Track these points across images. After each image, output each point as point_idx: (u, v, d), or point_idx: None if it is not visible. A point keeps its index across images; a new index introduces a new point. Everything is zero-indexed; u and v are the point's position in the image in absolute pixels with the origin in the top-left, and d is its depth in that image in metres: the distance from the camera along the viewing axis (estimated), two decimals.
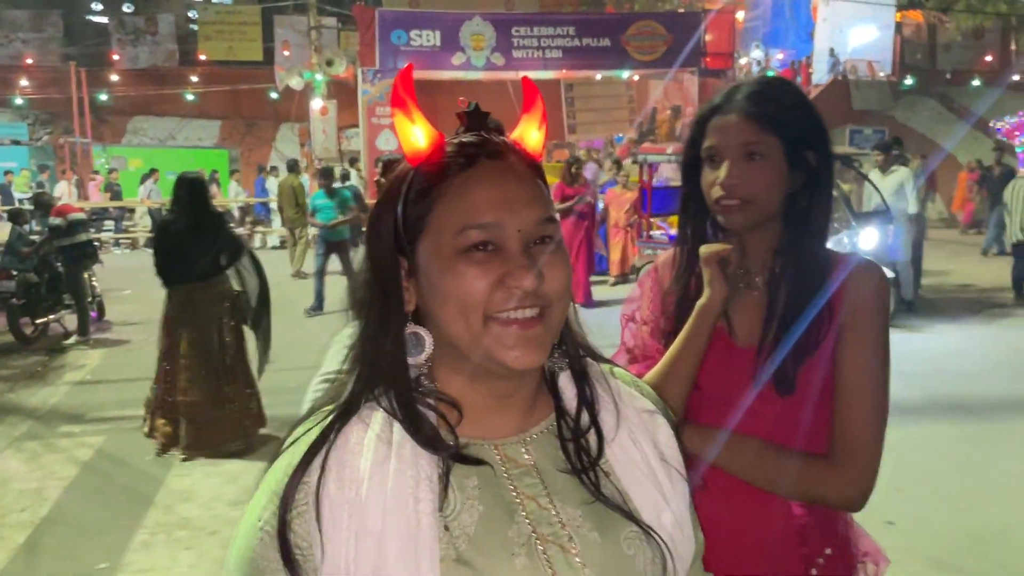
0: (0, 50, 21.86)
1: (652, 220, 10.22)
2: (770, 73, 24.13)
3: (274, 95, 22.73)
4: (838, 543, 1.45)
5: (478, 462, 0.86)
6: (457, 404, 0.88)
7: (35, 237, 9.16)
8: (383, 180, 4.11)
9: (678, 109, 21.16)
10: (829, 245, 1.50)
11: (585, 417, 0.93)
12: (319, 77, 18.54)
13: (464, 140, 0.88)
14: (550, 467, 0.90)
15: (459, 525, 0.83)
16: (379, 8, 19.40)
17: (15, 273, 8.35)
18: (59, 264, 8.80)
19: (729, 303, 1.46)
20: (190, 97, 24.81)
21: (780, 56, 25.13)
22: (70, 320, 8.98)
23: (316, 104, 18.58)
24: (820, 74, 24.40)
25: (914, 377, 6.36)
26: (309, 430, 0.87)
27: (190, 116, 25.34)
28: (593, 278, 10.48)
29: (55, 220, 8.78)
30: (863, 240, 8.27)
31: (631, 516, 0.90)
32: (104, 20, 26.37)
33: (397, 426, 0.85)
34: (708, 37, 19.05)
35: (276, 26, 23.24)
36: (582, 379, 0.94)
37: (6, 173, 18.94)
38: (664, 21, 19.20)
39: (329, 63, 18.04)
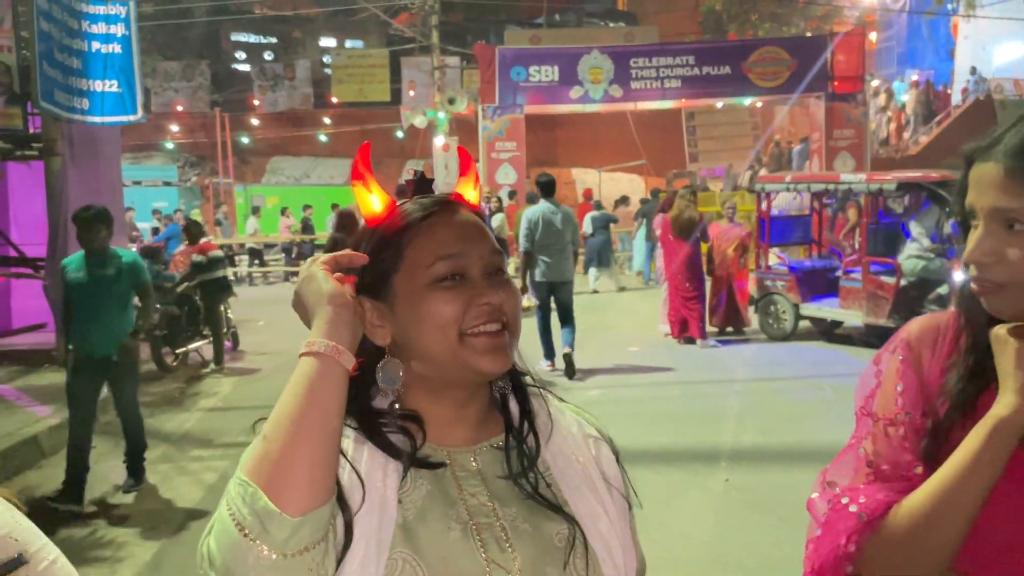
0: (155, 99, 23.78)
1: (771, 250, 9.94)
2: (903, 98, 23.10)
3: (400, 134, 23.63)
4: None
5: (434, 466, 1.03)
6: (420, 419, 1.04)
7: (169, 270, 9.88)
8: (337, 233, 5.50)
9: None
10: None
11: (526, 424, 1.09)
12: (441, 115, 19.14)
13: (420, 198, 1.07)
14: (493, 475, 1.06)
15: (410, 500, 1.00)
16: (499, 46, 19.87)
17: (158, 306, 8.99)
18: (198, 298, 9.43)
19: None
20: (323, 138, 26.14)
21: (915, 77, 24.00)
22: (207, 350, 9.58)
23: (439, 141, 19.17)
24: (959, 95, 23.09)
25: None
26: None
27: (323, 155, 26.70)
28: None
29: (197, 257, 9.44)
30: None
31: (565, 515, 1.04)
32: (247, 68, 28.24)
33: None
34: (838, 60, 18.42)
35: (403, 67, 24.22)
36: (522, 397, 1.11)
37: (153, 212, 20.46)
38: (788, 46, 18.74)
39: (451, 101, 18.60)
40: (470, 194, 1.11)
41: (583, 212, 17.77)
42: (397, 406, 1.04)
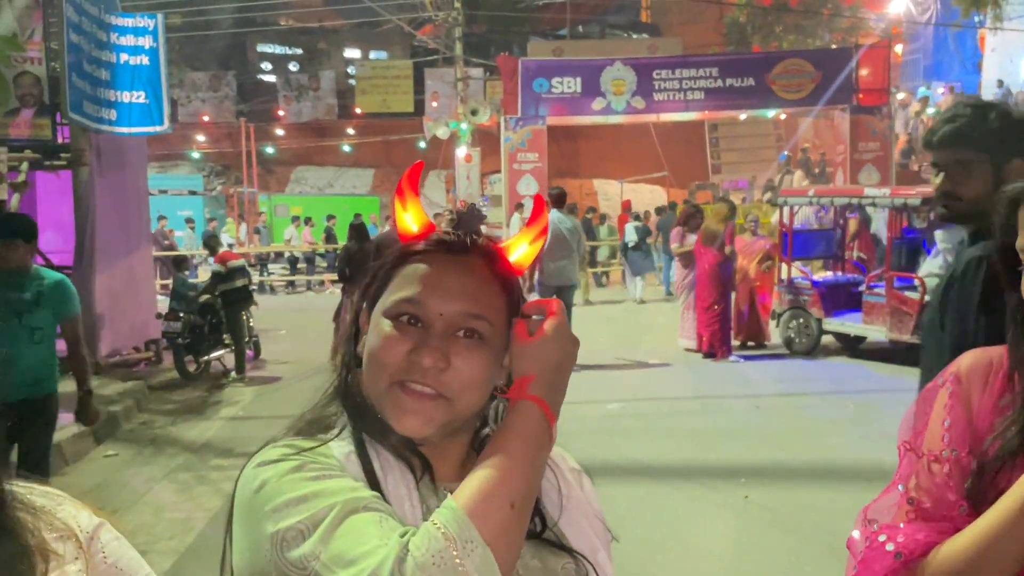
0: (181, 109, 24.09)
1: (793, 264, 9.86)
2: (932, 109, 22.87)
3: (422, 144, 23.77)
4: None
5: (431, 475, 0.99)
6: (418, 451, 0.99)
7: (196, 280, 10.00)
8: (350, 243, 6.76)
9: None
10: None
11: None
12: (464, 126, 19.24)
13: (442, 235, 1.03)
14: None
15: None
16: (522, 58, 19.93)
17: (181, 315, 9.08)
18: (220, 307, 9.51)
19: None
20: (347, 148, 26.34)
21: (941, 90, 23.77)
22: (229, 358, 9.65)
23: (461, 152, 19.27)
24: None
25: None
26: (327, 441, 1.00)
27: (346, 165, 26.91)
28: None
29: (216, 266, 9.54)
30: None
31: (567, 550, 1.03)
32: (272, 79, 28.55)
33: (382, 450, 0.99)
34: (863, 72, 18.31)
35: (426, 78, 24.37)
36: None
37: (188, 221, 20.73)
38: (813, 58, 18.67)
39: (474, 112, 18.71)
40: (521, 249, 1.05)
41: (623, 223, 17.84)
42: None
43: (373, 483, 0.95)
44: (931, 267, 8.64)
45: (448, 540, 0.80)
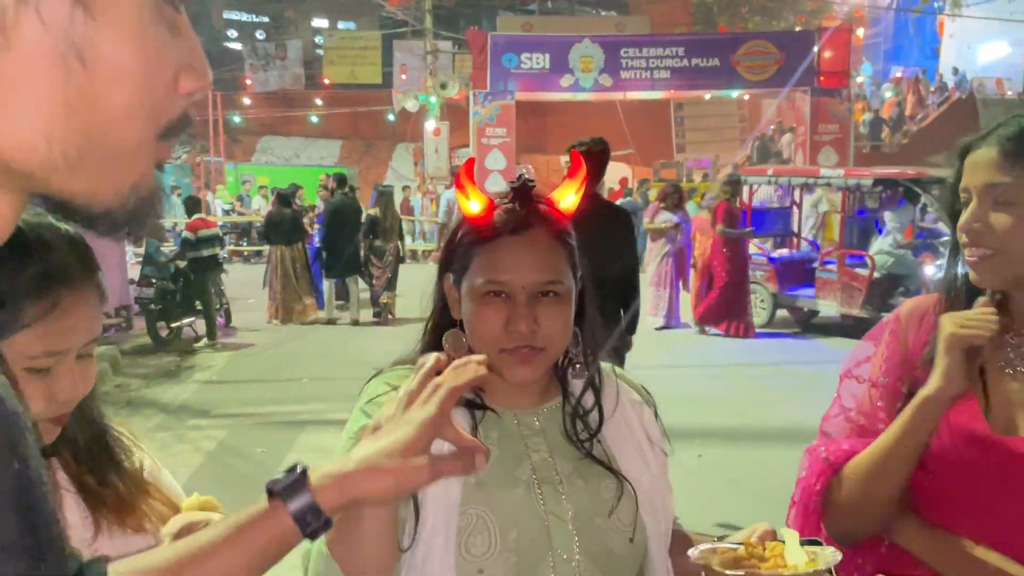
0: None
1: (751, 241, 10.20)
2: (890, 92, 23.40)
3: (391, 117, 23.74)
4: None
5: (493, 411, 1.21)
6: (481, 387, 1.19)
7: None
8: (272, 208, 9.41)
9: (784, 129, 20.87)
10: None
11: (589, 400, 1.25)
12: (433, 99, 19.31)
13: (502, 215, 1.20)
14: (555, 432, 1.24)
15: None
16: (492, 33, 19.99)
17: (154, 281, 9.18)
18: (191, 274, 9.63)
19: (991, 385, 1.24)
20: (314, 119, 26.20)
21: (899, 74, 24.30)
22: (201, 325, 9.78)
23: (430, 125, 19.34)
24: (940, 92, 23.38)
25: None
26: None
27: (314, 136, 26.75)
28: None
29: (187, 234, 9.64)
30: None
31: (613, 471, 1.22)
32: (239, 47, 28.20)
33: None
34: (825, 55, 18.68)
35: (395, 50, 24.26)
36: (594, 378, 1.26)
37: (174, 188, 20.60)
38: (776, 40, 18.99)
39: (443, 86, 18.77)
40: (568, 199, 1.23)
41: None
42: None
43: None
44: (881, 245, 9.06)
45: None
